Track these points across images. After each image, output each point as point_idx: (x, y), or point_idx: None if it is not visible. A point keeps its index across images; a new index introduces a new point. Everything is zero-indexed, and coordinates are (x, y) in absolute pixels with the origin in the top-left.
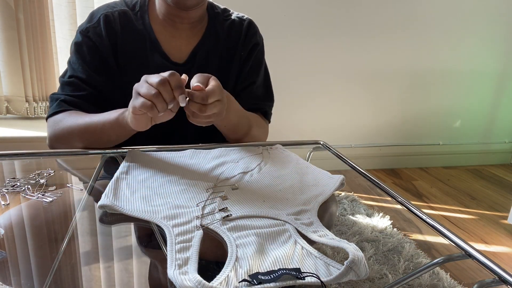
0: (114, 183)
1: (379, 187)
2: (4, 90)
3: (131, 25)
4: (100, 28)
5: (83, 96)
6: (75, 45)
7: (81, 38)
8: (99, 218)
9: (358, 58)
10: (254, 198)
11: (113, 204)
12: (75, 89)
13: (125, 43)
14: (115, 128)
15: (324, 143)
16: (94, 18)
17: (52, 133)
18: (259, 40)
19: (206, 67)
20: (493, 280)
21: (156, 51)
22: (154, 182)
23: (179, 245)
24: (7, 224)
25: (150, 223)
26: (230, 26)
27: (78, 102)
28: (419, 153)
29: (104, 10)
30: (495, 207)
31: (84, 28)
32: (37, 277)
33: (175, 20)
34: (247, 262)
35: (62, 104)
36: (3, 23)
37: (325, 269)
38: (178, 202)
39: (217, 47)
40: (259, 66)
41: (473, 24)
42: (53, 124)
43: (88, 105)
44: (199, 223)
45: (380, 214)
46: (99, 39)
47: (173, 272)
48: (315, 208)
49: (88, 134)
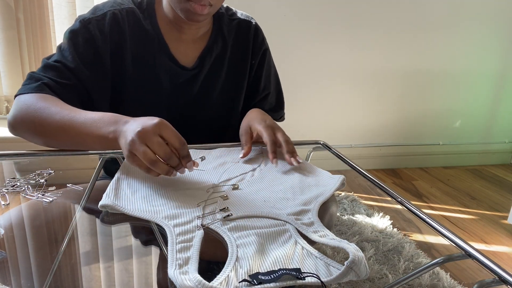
0: (115, 183)
1: (379, 187)
2: (4, 90)
3: (139, 24)
4: (104, 23)
5: (66, 85)
6: (70, 33)
7: (79, 27)
8: (100, 218)
9: (358, 58)
10: (255, 198)
11: (114, 204)
12: (59, 75)
13: (134, 43)
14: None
15: (324, 143)
16: (99, 12)
17: (20, 113)
18: (267, 45)
19: (215, 73)
20: (493, 280)
21: (164, 53)
22: (155, 182)
23: (180, 245)
24: (7, 224)
25: (150, 222)
26: (237, 28)
27: (59, 90)
28: (419, 153)
29: (111, 7)
30: (495, 207)
31: (86, 18)
32: (37, 277)
33: (182, 26)
34: (248, 262)
35: (43, 87)
36: (3, 23)
37: (326, 269)
38: (179, 202)
39: (225, 51)
40: (271, 73)
41: (473, 24)
42: (24, 104)
43: (68, 96)
44: (199, 223)
45: (380, 214)
46: (99, 34)
47: (174, 272)
48: (316, 208)
49: (62, 132)
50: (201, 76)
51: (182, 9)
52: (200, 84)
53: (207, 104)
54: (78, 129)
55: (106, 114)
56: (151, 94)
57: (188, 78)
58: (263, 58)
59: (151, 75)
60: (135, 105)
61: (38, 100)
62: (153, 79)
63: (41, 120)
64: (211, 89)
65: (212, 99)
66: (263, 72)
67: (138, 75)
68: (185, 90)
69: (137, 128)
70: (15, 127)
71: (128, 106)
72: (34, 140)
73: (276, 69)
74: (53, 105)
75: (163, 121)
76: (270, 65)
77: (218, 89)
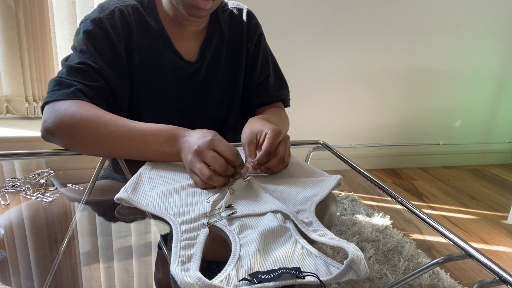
0: (137, 178)
1: (379, 187)
2: (4, 90)
3: (144, 20)
4: (115, 21)
5: (96, 88)
6: (85, 33)
7: (93, 27)
8: (116, 211)
9: (358, 58)
10: (258, 197)
11: (129, 198)
12: (87, 77)
13: (140, 39)
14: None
15: (324, 143)
16: (106, 10)
17: (63, 121)
18: (261, 30)
19: (216, 64)
20: (493, 280)
21: (169, 49)
22: (173, 178)
23: (184, 242)
24: (7, 224)
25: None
26: (230, 17)
27: (91, 94)
28: (419, 153)
29: (116, 4)
30: (495, 207)
31: (97, 17)
32: (37, 277)
33: (184, 23)
34: (249, 261)
35: (78, 93)
36: (3, 23)
37: (325, 268)
38: (190, 199)
39: (222, 40)
40: (268, 56)
41: (473, 24)
42: (65, 111)
43: (98, 98)
44: (206, 221)
45: (380, 214)
46: (112, 32)
47: (175, 268)
48: (312, 208)
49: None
50: (203, 68)
51: (185, 5)
52: (203, 75)
53: (210, 94)
54: (137, 143)
55: (163, 127)
56: (158, 90)
57: (192, 71)
58: (259, 41)
59: (158, 70)
60: (145, 102)
61: (81, 107)
62: (160, 75)
63: (93, 130)
64: (212, 79)
65: (214, 88)
66: (259, 54)
67: (145, 71)
68: (191, 83)
69: (194, 147)
70: (56, 134)
71: (138, 103)
72: (74, 148)
73: (273, 54)
74: (101, 114)
75: (215, 136)
76: (266, 49)
77: (219, 77)
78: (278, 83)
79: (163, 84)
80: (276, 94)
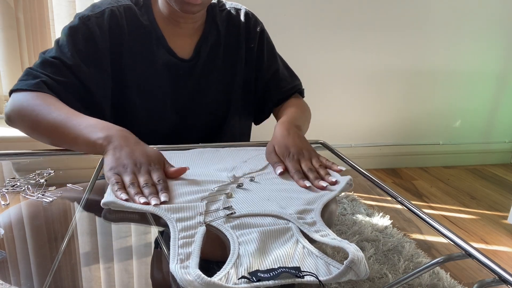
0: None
1: (379, 187)
2: (4, 90)
3: (136, 20)
4: (103, 20)
5: (63, 83)
6: (69, 29)
7: (79, 24)
8: (102, 215)
9: (358, 58)
10: (259, 197)
11: (116, 200)
12: (57, 72)
13: (132, 39)
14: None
15: (324, 143)
16: (97, 9)
17: (17, 109)
18: (262, 27)
19: (211, 62)
20: (493, 280)
21: (162, 47)
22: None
23: (182, 241)
24: (7, 223)
25: (150, 222)
26: (227, 17)
27: (57, 88)
28: (419, 153)
29: (109, 4)
30: (495, 207)
31: (85, 15)
32: (37, 277)
33: (178, 20)
34: (248, 259)
35: (41, 85)
36: (3, 22)
37: (325, 268)
38: (183, 198)
39: (219, 40)
40: (274, 51)
41: (473, 24)
42: (20, 101)
43: (66, 94)
44: (202, 219)
45: (380, 214)
46: (98, 31)
47: (175, 266)
48: (319, 208)
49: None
50: (199, 66)
51: (177, 1)
52: (199, 74)
53: (206, 93)
54: (70, 129)
55: (100, 122)
56: (153, 88)
57: (187, 69)
58: (262, 38)
59: (151, 69)
60: (137, 102)
61: (35, 98)
62: (154, 73)
63: (36, 117)
64: (208, 78)
65: (210, 87)
66: (264, 51)
67: (138, 70)
68: (185, 81)
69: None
70: (12, 121)
71: (130, 102)
72: (29, 135)
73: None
74: (49, 103)
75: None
76: (271, 45)
77: (215, 76)
78: (290, 75)
79: (156, 81)
80: (291, 87)
